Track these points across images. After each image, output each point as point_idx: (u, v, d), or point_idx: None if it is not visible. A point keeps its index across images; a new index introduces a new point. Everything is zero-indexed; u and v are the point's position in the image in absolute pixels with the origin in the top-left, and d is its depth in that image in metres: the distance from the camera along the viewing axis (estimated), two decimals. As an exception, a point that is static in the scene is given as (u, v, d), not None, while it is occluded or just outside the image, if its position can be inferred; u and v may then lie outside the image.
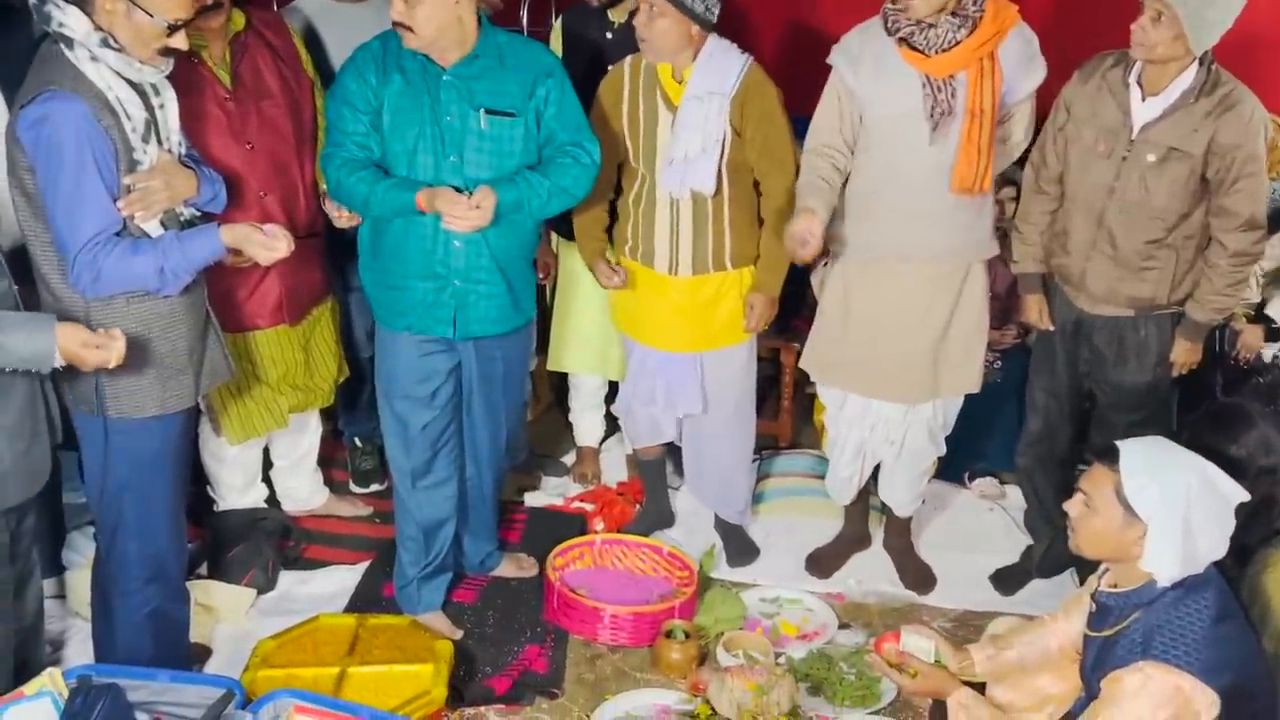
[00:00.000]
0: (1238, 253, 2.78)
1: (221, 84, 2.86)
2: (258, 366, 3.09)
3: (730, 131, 2.92)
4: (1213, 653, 2.01)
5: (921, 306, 2.94)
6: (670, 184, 2.96)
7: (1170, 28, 2.60)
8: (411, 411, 2.84)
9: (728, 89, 2.91)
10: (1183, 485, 2.03)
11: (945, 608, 3.22)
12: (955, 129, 2.77)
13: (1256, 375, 3.54)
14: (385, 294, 2.79)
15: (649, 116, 2.97)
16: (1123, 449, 2.11)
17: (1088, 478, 2.14)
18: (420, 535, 2.94)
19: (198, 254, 2.35)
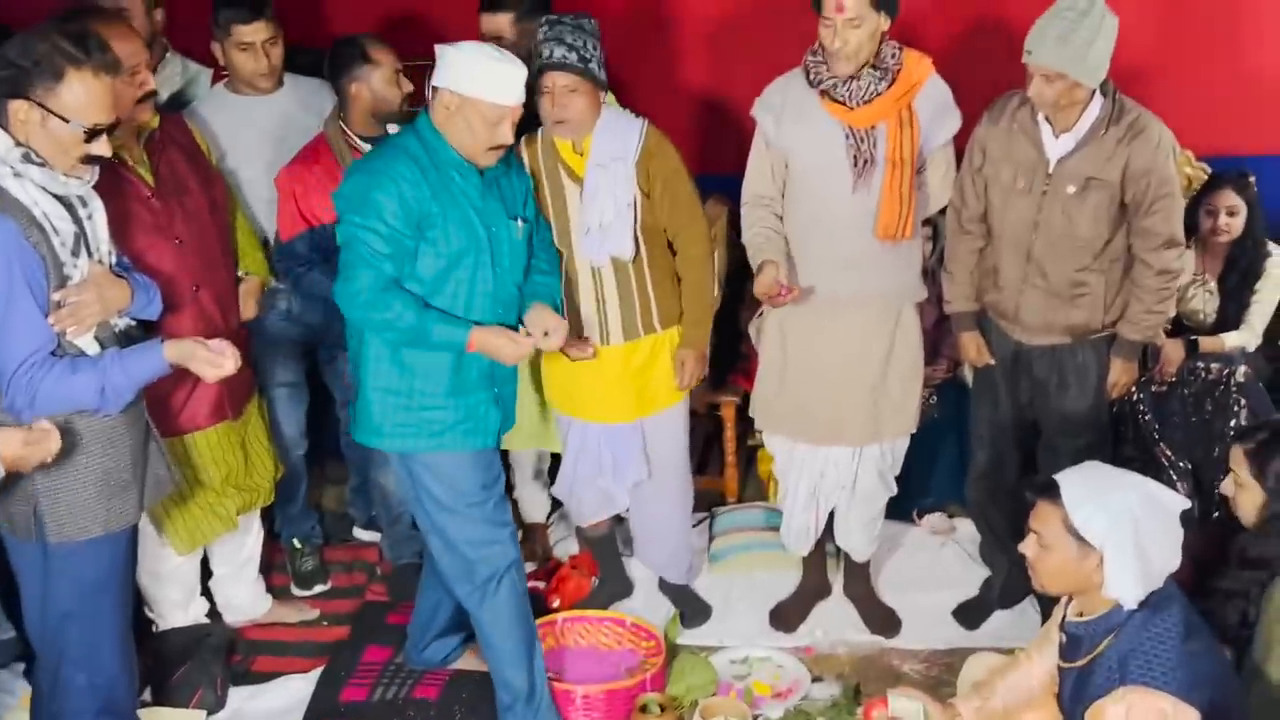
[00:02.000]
0: (1162, 270, 2.87)
1: (144, 182, 2.79)
2: (199, 469, 2.98)
3: (639, 194, 2.94)
4: (1187, 671, 2.04)
5: (857, 351, 2.99)
6: (590, 253, 2.96)
7: (1062, 82, 2.70)
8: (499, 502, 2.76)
9: (630, 153, 2.93)
10: (1127, 506, 2.07)
11: (913, 649, 3.21)
12: (877, 178, 2.84)
13: (1182, 387, 3.65)
14: (419, 413, 2.64)
15: (555, 192, 2.97)
16: (1062, 482, 2.13)
17: (1035, 516, 2.17)
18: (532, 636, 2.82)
19: (140, 372, 2.27)
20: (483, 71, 2.51)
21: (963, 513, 3.73)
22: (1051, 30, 2.66)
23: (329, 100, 3.27)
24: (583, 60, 2.82)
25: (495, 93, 2.51)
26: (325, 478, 4.06)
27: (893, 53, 2.83)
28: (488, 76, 2.51)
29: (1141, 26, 3.19)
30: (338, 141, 3.15)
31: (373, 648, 3.22)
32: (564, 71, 2.82)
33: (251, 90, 3.32)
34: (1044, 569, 2.18)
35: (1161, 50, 3.96)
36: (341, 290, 2.58)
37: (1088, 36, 2.65)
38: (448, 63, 2.54)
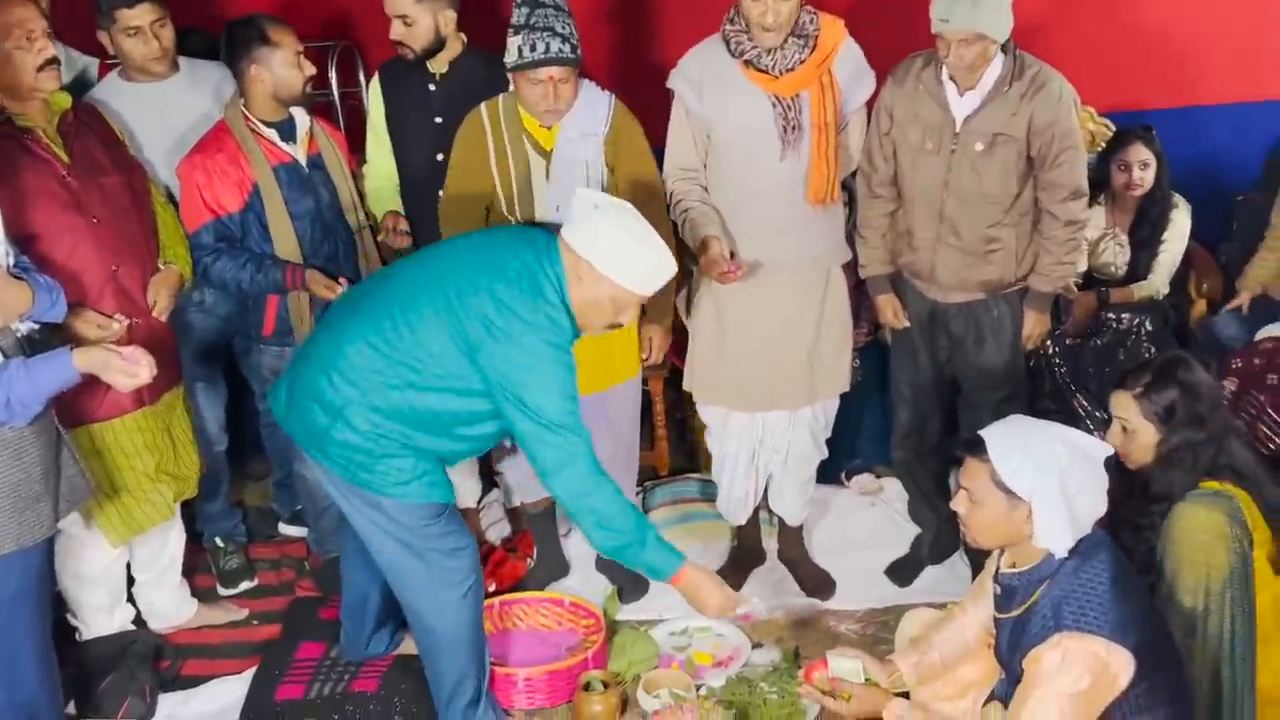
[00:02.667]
0: (1069, 221, 2.92)
1: (59, 160, 2.70)
2: (130, 456, 2.89)
3: (606, 170, 2.91)
4: (1118, 613, 2.09)
5: (791, 315, 3.01)
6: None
7: (980, 42, 2.74)
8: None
9: (601, 129, 2.90)
10: (1052, 456, 2.10)
11: (849, 609, 3.25)
12: (804, 144, 2.85)
13: (1095, 339, 3.74)
14: (385, 461, 2.51)
15: (520, 165, 2.92)
16: (987, 437, 2.17)
17: (964, 473, 2.20)
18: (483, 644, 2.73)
19: (47, 382, 2.18)
20: (635, 261, 2.38)
21: (889, 473, 3.79)
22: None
23: (228, 84, 3.17)
24: (574, 49, 2.78)
25: (640, 284, 2.41)
26: (247, 473, 3.96)
27: (810, 18, 2.84)
28: (639, 268, 2.39)
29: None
30: (239, 127, 3.06)
31: (306, 644, 3.15)
32: (560, 65, 2.77)
33: (145, 76, 3.20)
34: (975, 524, 2.21)
35: (1057, 7, 4.03)
36: (555, 463, 2.42)
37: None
38: (594, 232, 2.37)
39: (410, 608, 2.65)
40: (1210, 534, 2.31)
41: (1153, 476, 2.42)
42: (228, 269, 3.04)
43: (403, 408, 2.44)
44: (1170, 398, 2.40)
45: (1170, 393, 2.40)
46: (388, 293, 2.48)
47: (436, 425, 2.48)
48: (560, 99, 2.82)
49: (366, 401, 2.44)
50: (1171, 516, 2.37)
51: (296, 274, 3.04)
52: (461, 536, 2.62)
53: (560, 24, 2.76)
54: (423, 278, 2.46)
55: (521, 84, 2.82)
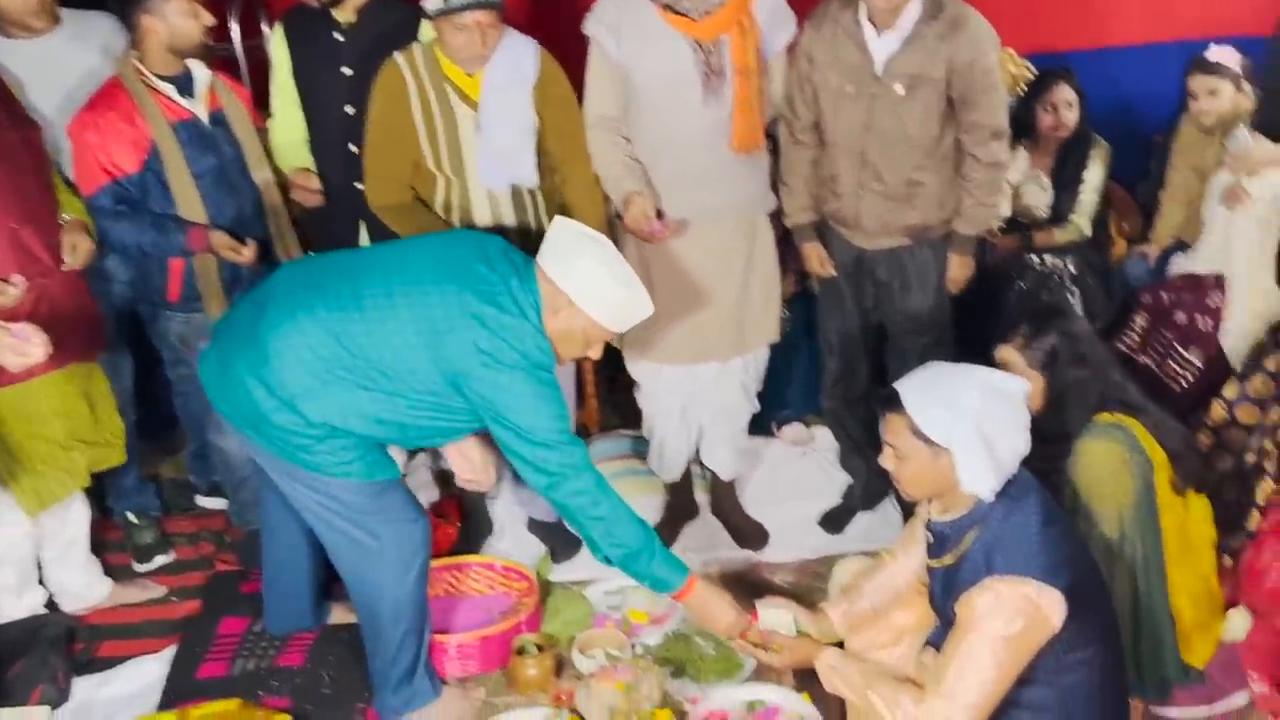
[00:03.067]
0: (991, 163, 2.91)
1: None
2: (41, 422, 2.78)
3: (535, 119, 2.82)
4: (1048, 556, 2.10)
5: (719, 264, 2.96)
6: (492, 181, 2.84)
7: None
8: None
9: (528, 77, 2.81)
10: (966, 400, 2.10)
11: (783, 561, 3.24)
12: (727, 89, 2.79)
13: (1018, 280, 3.76)
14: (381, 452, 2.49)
15: (446, 117, 2.81)
16: (901, 390, 2.16)
17: (886, 429, 2.19)
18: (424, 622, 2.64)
19: None
20: (613, 300, 2.35)
21: (819, 422, 3.79)
22: None
23: (117, 36, 3.00)
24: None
25: (616, 322, 2.39)
26: (160, 445, 3.81)
27: None
28: (616, 306, 2.37)
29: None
30: (133, 83, 2.90)
31: (228, 619, 3.05)
32: (487, 10, 2.66)
33: (23, 31, 3.02)
34: (904, 477, 2.21)
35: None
36: (547, 470, 2.36)
37: None
38: (576, 269, 2.33)
39: (355, 584, 2.56)
40: (1113, 464, 2.36)
41: (1047, 419, 2.44)
42: (128, 233, 2.90)
43: (368, 409, 2.36)
44: (1050, 343, 2.44)
45: (1049, 338, 2.44)
46: (357, 289, 2.34)
47: (403, 430, 2.41)
48: (487, 44, 2.72)
49: (328, 395, 2.33)
50: (1075, 453, 2.41)
51: (201, 235, 2.91)
52: (411, 509, 2.54)
53: None
54: (402, 287, 2.33)
55: (445, 30, 2.71)
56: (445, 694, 2.68)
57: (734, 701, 2.62)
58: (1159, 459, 2.39)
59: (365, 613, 2.58)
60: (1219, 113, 3.51)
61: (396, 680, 2.61)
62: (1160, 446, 2.40)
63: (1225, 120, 3.49)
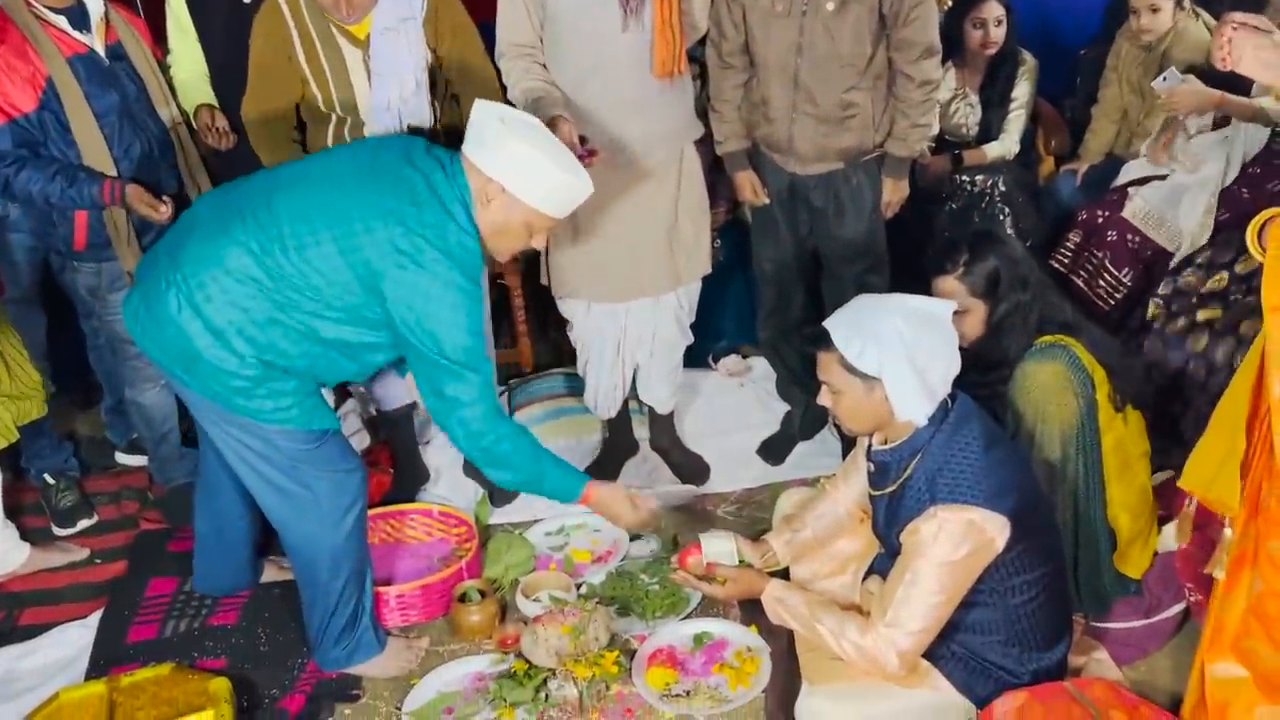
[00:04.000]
0: (923, 81, 2.86)
1: None
2: None
3: (429, 54, 2.69)
4: (991, 480, 2.09)
5: (647, 197, 2.88)
6: (387, 126, 2.71)
7: None
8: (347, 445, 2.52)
9: (417, 10, 2.67)
10: (892, 330, 2.08)
11: (725, 492, 3.23)
12: (647, 13, 2.69)
13: (950, 201, 3.74)
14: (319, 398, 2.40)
15: (332, 56, 2.67)
16: (829, 326, 2.15)
17: (820, 367, 2.18)
18: (364, 580, 2.57)
19: None
20: (550, 183, 2.22)
21: (755, 352, 3.75)
22: None
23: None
24: None
25: (555, 207, 2.26)
26: (73, 401, 3.65)
27: None
28: (554, 189, 2.23)
29: None
30: (22, 14, 2.72)
31: (156, 580, 2.96)
32: None
33: None
34: (842, 413, 2.19)
35: None
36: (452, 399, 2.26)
37: None
38: (505, 154, 2.19)
39: (290, 537, 2.48)
40: (1057, 385, 2.36)
41: (988, 345, 2.44)
42: (34, 181, 2.72)
43: (290, 332, 2.25)
44: (991, 268, 2.42)
45: (989, 264, 2.42)
46: (273, 206, 2.23)
47: (324, 352, 2.30)
48: (355, 8, 2.59)
49: (250, 321, 2.22)
50: (1017, 376, 2.40)
51: (115, 188, 2.75)
52: (347, 458, 2.46)
53: None
54: (317, 195, 2.22)
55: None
56: (390, 645, 2.63)
57: (681, 637, 2.60)
58: (1099, 376, 2.39)
59: (302, 565, 2.51)
60: (1159, 30, 3.49)
61: (338, 632, 2.55)
62: (1099, 364, 2.40)
63: (1164, 38, 3.47)
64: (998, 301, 2.42)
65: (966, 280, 2.42)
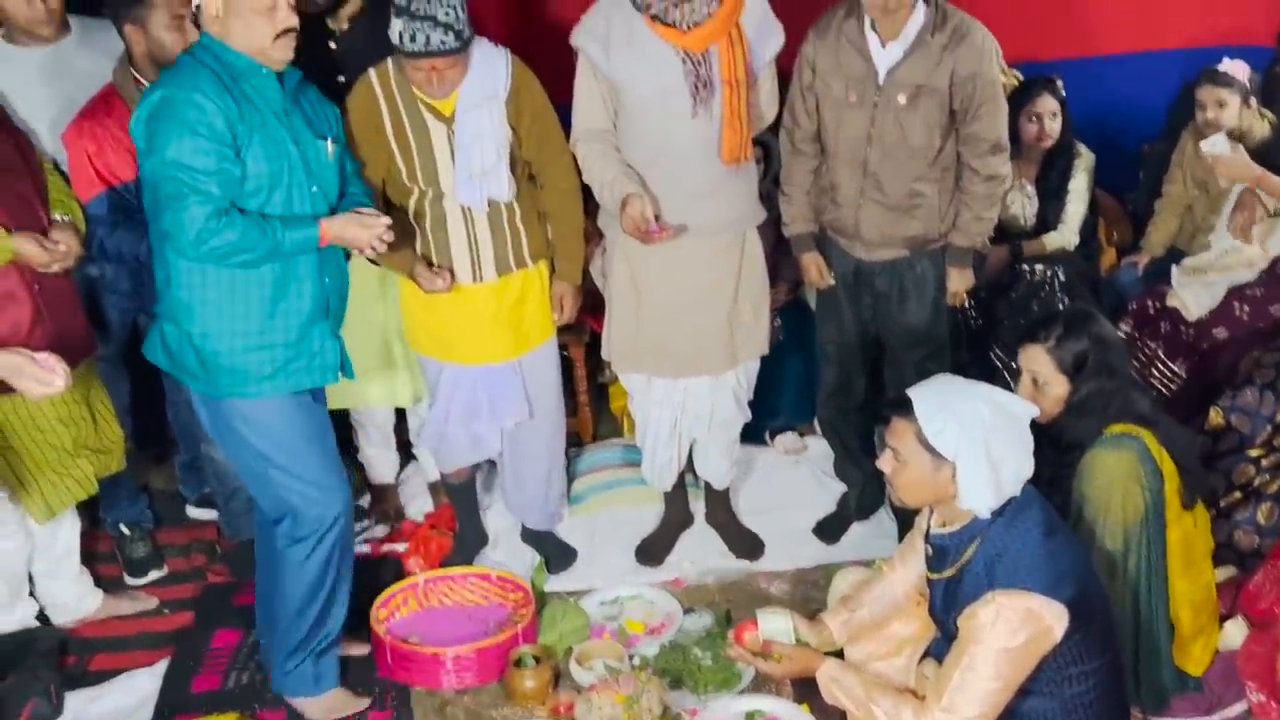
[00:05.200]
0: (990, 176, 2.92)
1: None
2: (47, 431, 2.78)
3: (510, 132, 2.82)
4: (1051, 568, 2.10)
5: (709, 279, 2.95)
6: (469, 198, 2.83)
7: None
8: (331, 458, 2.61)
9: (501, 91, 2.80)
10: (977, 416, 2.10)
11: (779, 570, 3.24)
12: (716, 102, 2.78)
13: (1009, 290, 3.78)
14: (242, 356, 2.47)
15: (419, 132, 2.80)
16: (914, 396, 2.16)
17: (890, 432, 2.19)
18: (329, 601, 2.66)
19: None
20: None
21: (812, 431, 3.79)
22: None
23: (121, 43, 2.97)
24: (459, 36, 2.65)
25: None
26: (150, 456, 3.78)
27: None
28: None
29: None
30: (129, 90, 2.88)
31: (221, 632, 3.04)
32: (445, 56, 2.65)
33: (32, 39, 3.00)
34: (901, 483, 2.21)
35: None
36: (172, 227, 2.34)
37: None
38: None
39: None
40: (1124, 476, 2.36)
41: (1064, 427, 2.45)
42: (125, 241, 2.89)
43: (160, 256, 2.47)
44: (1081, 348, 2.43)
45: (1081, 343, 2.43)
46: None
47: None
48: (445, 83, 2.72)
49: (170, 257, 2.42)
50: (1085, 463, 2.40)
51: None
52: (328, 475, 2.57)
53: (443, 10, 2.62)
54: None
55: (406, 65, 2.72)
56: (330, 695, 2.71)
57: (733, 712, 2.61)
58: (1168, 470, 2.39)
59: (266, 568, 2.64)
60: (1225, 126, 3.53)
61: (284, 655, 2.66)
62: (1170, 459, 2.40)
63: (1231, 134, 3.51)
64: (1081, 382, 2.42)
65: (1054, 354, 2.44)
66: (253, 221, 2.36)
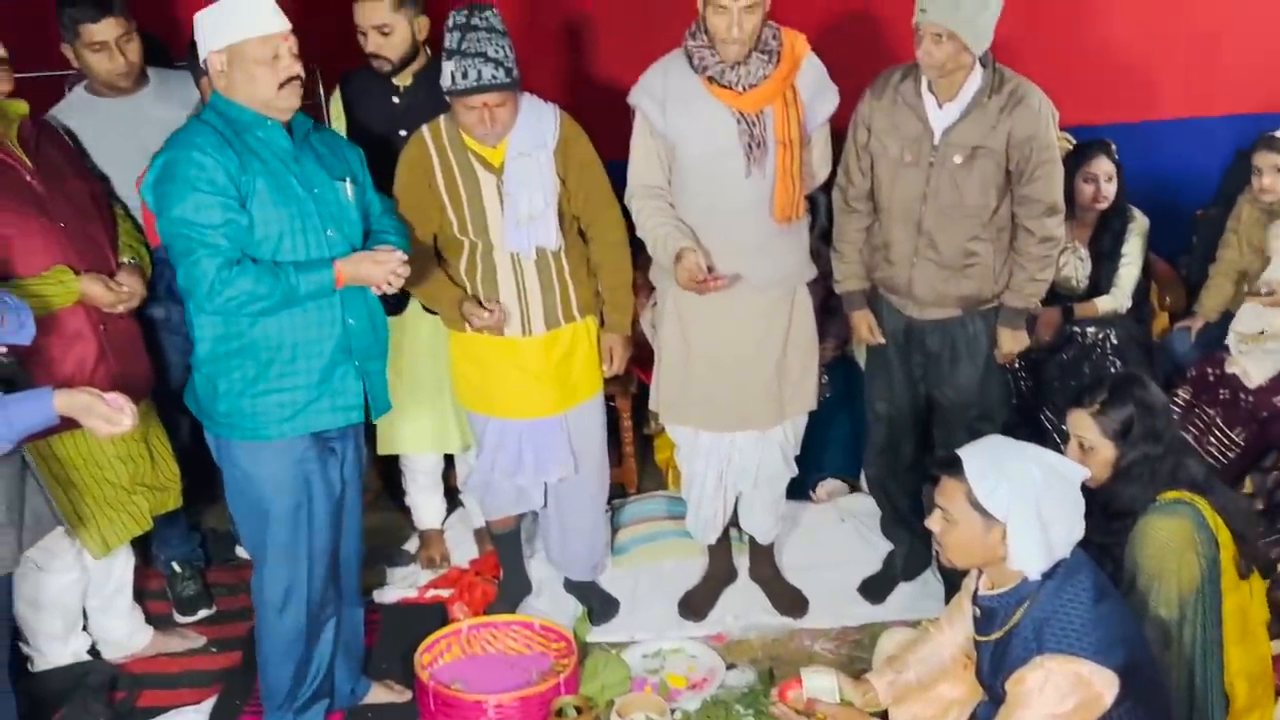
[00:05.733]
0: (1045, 238, 2.92)
1: (23, 165, 2.69)
2: (105, 467, 2.85)
3: (558, 182, 2.87)
4: (1101, 633, 2.08)
5: (759, 335, 2.97)
6: (517, 245, 2.88)
7: (952, 44, 2.72)
8: (311, 532, 2.60)
9: (549, 141, 2.86)
10: (1028, 478, 2.09)
11: (823, 627, 3.22)
12: (769, 161, 2.82)
13: (1060, 352, 3.76)
14: (262, 399, 2.50)
15: (469, 184, 2.86)
16: (964, 456, 2.16)
17: (940, 492, 2.18)
18: (304, 660, 2.70)
19: (24, 421, 2.11)
20: (229, 15, 2.38)
21: (858, 489, 3.77)
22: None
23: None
24: (509, 73, 2.72)
25: (252, 27, 2.38)
26: (205, 495, 3.84)
27: (774, 33, 2.81)
28: (235, 15, 2.37)
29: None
30: None
31: (268, 672, 3.05)
32: (495, 91, 2.72)
33: (112, 91, 3.11)
34: (950, 543, 2.20)
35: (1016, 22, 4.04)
36: (186, 283, 2.40)
37: (980, 0, 2.68)
38: (198, 29, 2.42)
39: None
40: (1179, 543, 2.33)
41: (1113, 493, 2.43)
42: None
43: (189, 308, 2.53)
44: (1127, 414, 2.42)
45: (1127, 409, 2.42)
46: None
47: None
48: (496, 122, 2.78)
49: (193, 310, 2.48)
50: (1139, 530, 2.37)
51: None
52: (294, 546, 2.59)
53: (493, 48, 2.70)
54: None
55: (458, 108, 2.78)
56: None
57: (776, 770, 2.58)
58: (1224, 538, 2.36)
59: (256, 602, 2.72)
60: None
61: (271, 704, 2.74)
62: (1226, 527, 2.37)
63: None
64: (1127, 448, 2.41)
65: (1100, 419, 2.43)
66: (265, 269, 2.39)
